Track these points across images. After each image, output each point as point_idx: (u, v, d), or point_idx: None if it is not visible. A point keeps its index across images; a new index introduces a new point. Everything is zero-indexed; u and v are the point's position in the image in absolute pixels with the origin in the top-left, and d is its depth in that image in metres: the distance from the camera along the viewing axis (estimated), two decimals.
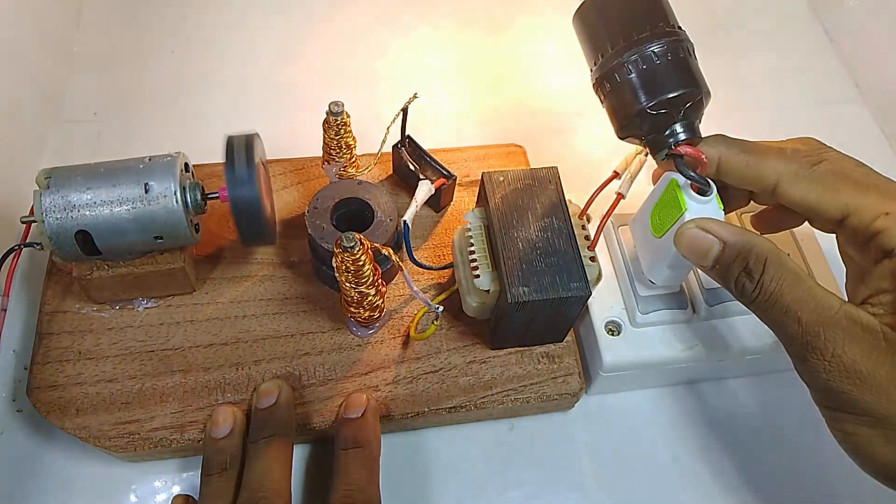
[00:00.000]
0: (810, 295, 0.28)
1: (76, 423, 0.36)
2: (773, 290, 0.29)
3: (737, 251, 0.30)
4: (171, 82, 0.54)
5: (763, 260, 0.29)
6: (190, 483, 0.38)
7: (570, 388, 0.39)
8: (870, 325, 0.27)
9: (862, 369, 0.27)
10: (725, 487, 0.40)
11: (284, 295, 0.41)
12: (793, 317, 0.28)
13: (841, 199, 0.29)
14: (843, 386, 0.27)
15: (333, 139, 0.40)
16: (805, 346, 0.28)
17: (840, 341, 0.27)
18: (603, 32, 0.32)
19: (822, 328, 0.28)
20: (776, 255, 0.29)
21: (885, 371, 0.27)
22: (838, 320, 0.28)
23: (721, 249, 0.31)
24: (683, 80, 0.31)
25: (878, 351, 0.27)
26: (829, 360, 0.27)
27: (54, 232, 0.34)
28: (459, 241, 0.38)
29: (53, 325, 0.39)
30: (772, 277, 0.29)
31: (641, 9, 0.31)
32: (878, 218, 0.28)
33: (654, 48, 0.30)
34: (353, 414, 0.36)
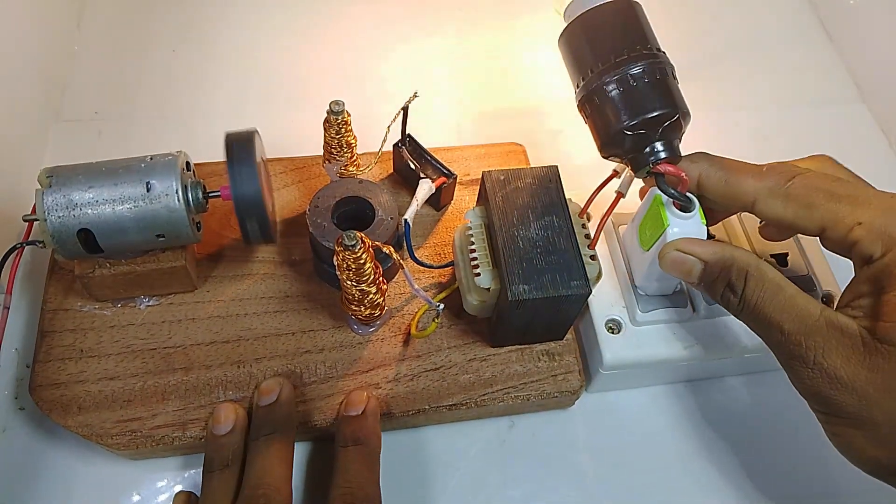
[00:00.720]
0: (791, 304, 0.30)
1: (78, 420, 0.36)
2: (756, 302, 0.30)
3: (718, 268, 0.32)
4: (172, 81, 0.54)
5: (744, 274, 0.31)
6: (192, 480, 0.38)
7: (571, 386, 0.39)
8: (849, 330, 0.28)
9: (842, 375, 0.28)
10: (725, 485, 0.40)
11: (286, 293, 0.41)
12: (776, 327, 0.30)
13: (815, 214, 0.30)
14: (827, 392, 0.28)
15: (334, 138, 0.40)
16: (789, 355, 0.30)
17: (821, 349, 0.28)
18: (585, 55, 0.33)
19: (803, 337, 0.29)
20: (756, 268, 0.31)
21: (863, 375, 0.28)
22: (818, 328, 0.29)
23: (703, 269, 0.32)
24: (660, 102, 0.32)
25: (856, 355, 0.28)
26: (811, 368, 0.29)
27: (56, 230, 0.34)
28: (460, 240, 0.38)
29: (55, 323, 0.39)
30: (753, 290, 0.30)
31: (622, 33, 0.33)
32: (853, 229, 0.29)
33: (632, 71, 0.31)
34: (353, 411, 0.37)
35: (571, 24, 0.34)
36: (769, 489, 0.40)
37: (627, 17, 0.33)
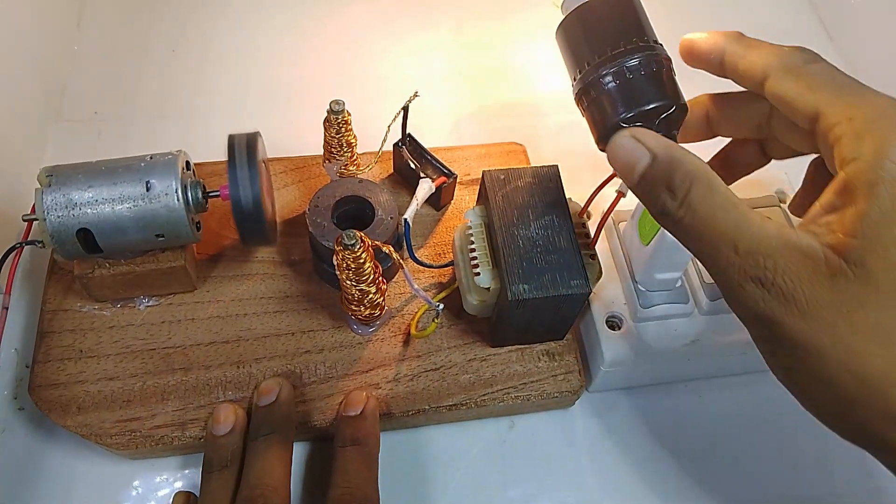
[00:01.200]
0: (746, 220, 0.26)
1: (78, 421, 0.36)
2: (703, 213, 0.27)
3: (666, 166, 0.28)
4: (172, 81, 0.54)
5: (690, 179, 0.27)
6: (191, 480, 0.38)
7: (571, 386, 0.39)
8: (810, 250, 0.25)
9: (800, 298, 0.25)
10: (726, 485, 0.40)
11: (285, 293, 0.41)
12: (728, 244, 0.26)
13: (816, 97, 0.27)
14: (778, 315, 0.25)
15: (334, 137, 0.40)
16: (740, 273, 0.26)
17: (780, 269, 0.25)
18: (582, 48, 0.33)
19: (760, 256, 0.25)
20: (706, 176, 0.27)
21: (823, 298, 0.24)
22: (778, 247, 0.25)
23: (649, 163, 0.28)
24: (657, 94, 0.31)
25: (818, 277, 0.25)
26: (767, 289, 0.25)
27: (56, 230, 0.34)
28: (460, 240, 0.38)
29: (55, 324, 0.39)
30: (701, 200, 0.27)
31: (619, 25, 0.32)
32: (840, 123, 0.26)
33: (629, 63, 0.31)
34: (352, 412, 0.36)
35: (569, 17, 0.34)
36: (769, 489, 0.40)
37: (625, 8, 0.33)
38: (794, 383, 0.27)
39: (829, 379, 0.25)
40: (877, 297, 0.24)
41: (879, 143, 0.25)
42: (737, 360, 0.41)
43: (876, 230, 0.24)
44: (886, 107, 0.26)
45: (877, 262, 0.24)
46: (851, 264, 0.24)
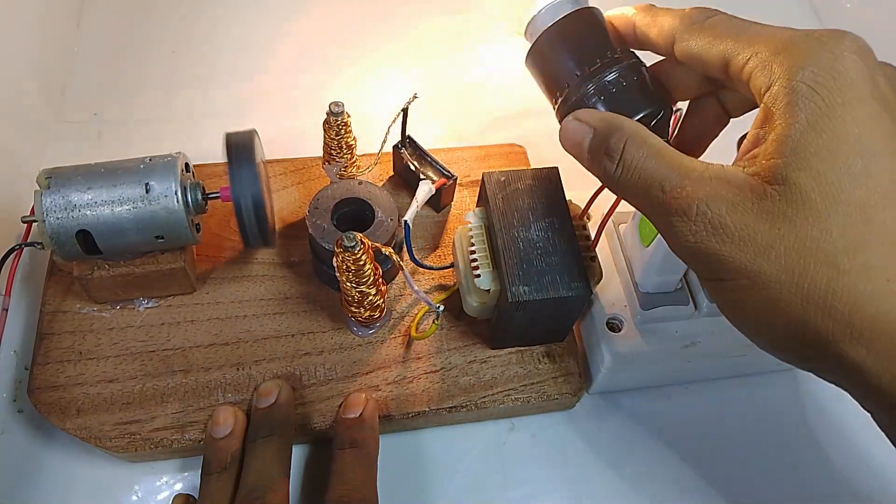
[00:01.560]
0: (675, 163, 0.27)
1: (77, 423, 0.36)
2: (635, 164, 0.27)
3: (603, 134, 0.29)
4: (172, 82, 0.54)
5: (624, 139, 0.28)
6: (190, 482, 0.38)
7: (571, 388, 0.39)
8: (735, 179, 0.25)
9: (728, 223, 0.25)
10: (726, 485, 0.40)
11: (285, 295, 0.41)
12: (656, 185, 0.27)
13: (721, 45, 0.28)
14: (711, 246, 0.25)
15: (334, 139, 0.40)
16: (669, 211, 0.26)
17: (703, 198, 0.25)
18: (558, 71, 0.33)
19: (684, 189, 0.26)
20: (638, 133, 0.28)
21: (751, 223, 0.24)
22: (703, 180, 0.26)
23: (591, 137, 0.29)
24: (644, 103, 0.31)
25: (743, 202, 0.25)
26: (693, 220, 0.25)
27: (55, 231, 0.34)
28: (460, 241, 0.38)
29: (54, 326, 0.39)
30: (633, 154, 0.28)
31: (589, 42, 0.32)
32: (748, 60, 0.26)
33: (608, 77, 0.31)
34: (351, 414, 0.36)
35: (537, 43, 0.34)
36: (770, 489, 0.40)
37: (591, 25, 0.33)
38: (742, 316, 0.26)
39: (776, 303, 0.24)
40: (806, 212, 0.24)
41: (787, 66, 0.25)
42: (737, 362, 0.41)
43: (794, 146, 0.24)
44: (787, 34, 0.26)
45: (800, 177, 0.24)
46: (775, 184, 0.24)
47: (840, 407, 0.42)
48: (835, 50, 0.24)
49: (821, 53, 0.24)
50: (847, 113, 0.24)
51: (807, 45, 0.25)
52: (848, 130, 0.24)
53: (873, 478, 0.41)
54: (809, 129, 0.24)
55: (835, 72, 0.24)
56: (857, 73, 0.24)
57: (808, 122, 0.24)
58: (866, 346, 0.23)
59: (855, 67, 0.24)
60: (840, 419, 0.42)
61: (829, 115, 0.24)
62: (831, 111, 0.24)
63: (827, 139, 0.24)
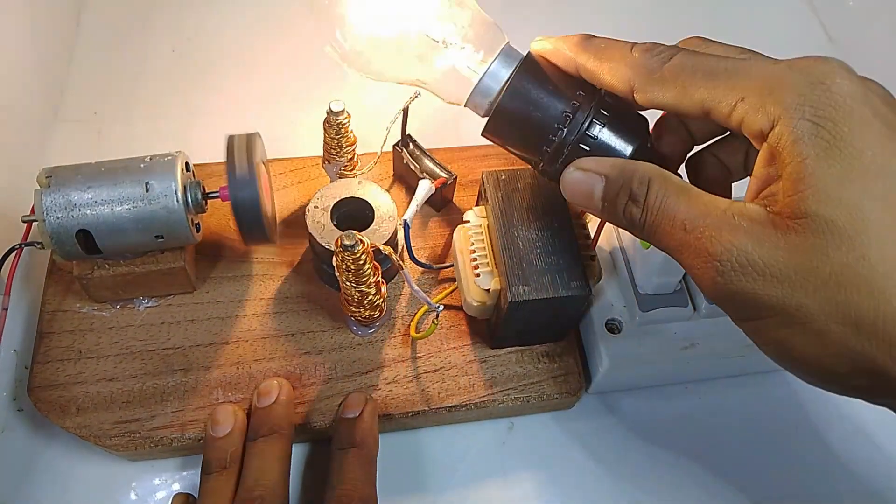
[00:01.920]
0: (696, 201, 0.26)
1: (77, 422, 0.36)
2: (660, 206, 0.27)
3: (620, 182, 0.28)
4: (172, 81, 0.54)
5: (646, 181, 0.27)
6: (190, 481, 0.38)
7: (571, 388, 0.39)
8: (757, 216, 0.25)
9: (756, 260, 0.24)
10: (725, 485, 0.40)
11: (285, 294, 0.41)
12: (679, 226, 0.26)
13: (695, 96, 0.27)
14: (742, 285, 0.24)
15: (334, 139, 0.40)
16: (694, 252, 0.26)
17: (728, 236, 0.25)
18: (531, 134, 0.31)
19: (708, 229, 0.25)
20: (660, 174, 0.27)
21: (781, 258, 0.24)
22: (724, 218, 0.25)
23: (604, 184, 0.29)
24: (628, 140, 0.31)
25: (769, 238, 0.24)
26: (719, 260, 0.25)
27: (55, 231, 0.34)
28: (460, 241, 0.38)
29: (54, 325, 0.39)
30: (656, 194, 0.27)
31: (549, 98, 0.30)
32: (735, 108, 0.26)
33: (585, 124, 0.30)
34: (350, 414, 0.36)
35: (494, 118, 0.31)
36: (769, 489, 0.40)
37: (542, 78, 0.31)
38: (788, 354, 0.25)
39: (823, 336, 0.24)
40: (838, 241, 0.23)
41: (784, 105, 0.25)
42: (736, 362, 0.41)
43: (811, 181, 0.24)
44: (766, 71, 0.26)
45: (823, 208, 0.23)
46: (798, 218, 0.24)
47: (840, 406, 0.43)
48: (825, 80, 0.25)
49: (813, 86, 0.25)
50: (855, 139, 0.24)
51: (795, 79, 0.25)
52: (860, 155, 0.24)
53: (873, 477, 0.41)
54: (822, 162, 0.24)
55: (833, 103, 0.24)
56: (853, 99, 0.24)
57: (819, 155, 0.24)
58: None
59: (849, 93, 0.24)
60: (839, 419, 0.42)
61: (838, 146, 0.24)
62: (839, 141, 0.24)
63: (842, 168, 0.24)
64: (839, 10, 0.62)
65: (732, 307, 0.26)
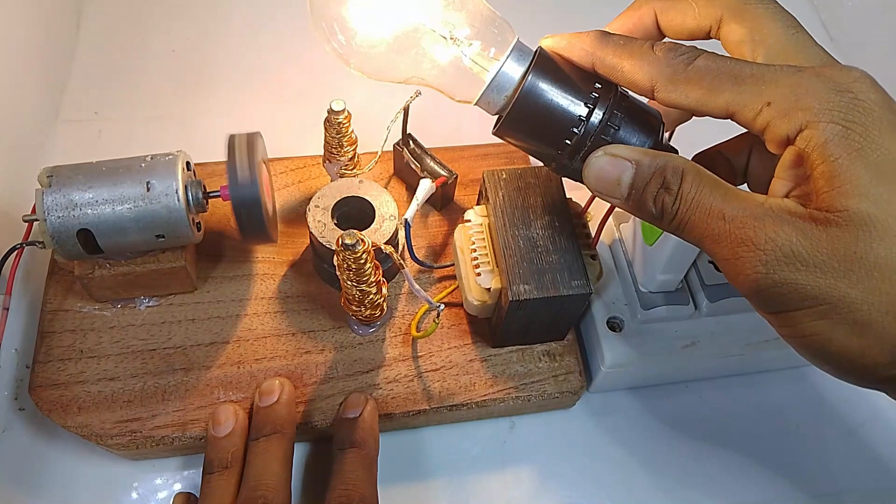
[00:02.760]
0: (733, 194, 0.26)
1: (78, 421, 0.36)
2: (694, 197, 0.27)
3: (652, 169, 0.28)
4: (172, 81, 0.54)
5: (680, 172, 0.27)
6: (191, 481, 0.38)
7: (571, 387, 0.39)
8: (797, 210, 0.25)
9: (801, 250, 0.24)
10: (726, 485, 0.40)
11: (286, 293, 0.41)
12: (717, 215, 0.26)
13: (720, 99, 0.27)
14: (784, 276, 0.25)
15: (334, 138, 0.40)
16: (735, 241, 0.26)
17: (771, 227, 0.25)
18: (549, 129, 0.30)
19: (750, 219, 0.25)
20: (694, 166, 0.28)
21: (825, 247, 0.24)
22: (767, 210, 0.26)
23: (634, 171, 0.28)
24: (644, 135, 0.30)
25: (811, 229, 0.25)
26: (763, 249, 0.25)
27: (56, 230, 0.34)
28: (461, 240, 0.38)
29: (55, 324, 0.39)
30: (690, 185, 0.27)
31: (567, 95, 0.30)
32: (762, 111, 0.26)
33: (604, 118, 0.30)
34: (351, 414, 0.36)
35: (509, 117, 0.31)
36: (769, 489, 0.40)
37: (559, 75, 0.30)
38: (825, 347, 0.25)
39: (867, 326, 0.24)
40: (880, 232, 0.24)
41: (812, 111, 0.25)
42: (737, 361, 0.41)
43: (846, 178, 0.24)
44: (794, 82, 0.26)
45: (860, 203, 0.24)
46: (837, 212, 0.24)
47: (839, 406, 0.43)
48: (852, 88, 0.25)
49: (841, 94, 0.25)
50: (884, 140, 0.25)
51: (821, 87, 0.25)
52: (891, 156, 0.24)
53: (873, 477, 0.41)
54: (855, 162, 0.24)
55: (861, 108, 0.25)
56: (879, 105, 0.25)
57: (851, 156, 0.25)
58: None
59: (875, 101, 0.25)
60: (839, 418, 0.42)
61: (869, 147, 0.25)
62: (869, 143, 0.25)
63: (875, 166, 0.24)
64: (839, 9, 0.61)
65: (769, 298, 0.26)
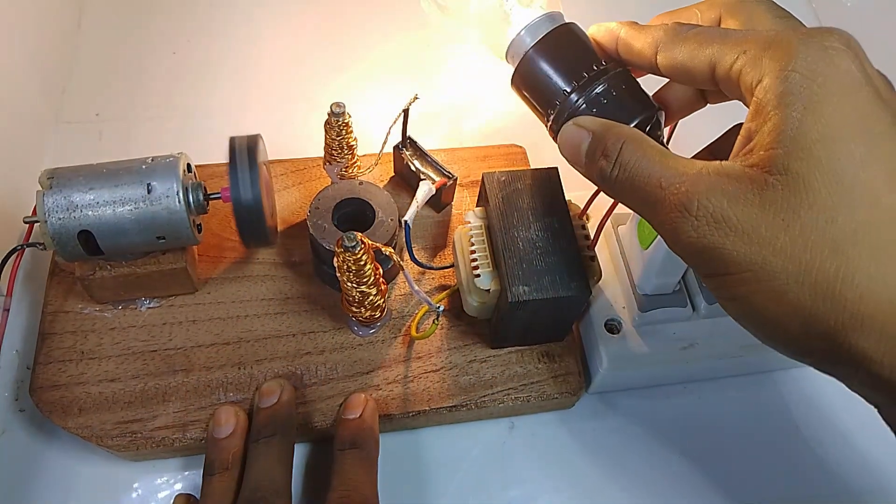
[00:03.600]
0: (673, 162, 0.26)
1: (79, 422, 0.36)
2: (632, 164, 0.27)
3: (600, 136, 0.29)
4: (173, 82, 0.54)
5: (621, 140, 0.28)
6: (192, 482, 0.38)
7: (571, 387, 0.39)
8: (734, 172, 0.25)
9: (730, 215, 0.24)
10: (725, 486, 0.40)
11: (286, 294, 0.41)
12: (654, 183, 0.26)
13: (707, 51, 0.27)
14: (714, 240, 0.24)
15: (335, 140, 0.40)
16: (668, 207, 0.26)
17: (703, 192, 0.25)
18: (546, 89, 0.33)
19: (683, 185, 0.25)
20: (637, 135, 0.28)
21: (755, 214, 0.24)
22: (701, 176, 0.25)
23: (589, 141, 0.29)
24: (635, 110, 0.31)
25: (744, 194, 0.24)
26: (694, 215, 0.25)
27: (57, 232, 0.34)
28: (460, 241, 0.38)
29: (56, 325, 0.39)
30: (630, 155, 0.27)
31: (573, 58, 0.32)
32: (737, 59, 0.26)
33: (597, 89, 0.31)
34: (351, 415, 0.37)
35: (521, 65, 0.34)
36: (769, 490, 0.40)
37: (573, 40, 0.33)
38: (748, 311, 0.25)
39: (783, 296, 0.24)
40: (811, 200, 0.23)
41: (778, 58, 0.24)
42: (735, 362, 0.41)
43: (793, 135, 0.24)
44: (773, 33, 0.26)
45: (801, 165, 0.23)
46: (776, 174, 0.24)
47: (838, 406, 0.43)
48: (825, 42, 0.24)
49: (811, 45, 0.24)
50: (844, 99, 0.24)
51: (796, 38, 0.25)
52: (847, 116, 0.23)
53: (872, 477, 0.41)
54: (807, 117, 0.23)
55: (829, 60, 0.24)
56: (851, 63, 0.24)
57: (805, 109, 0.24)
58: (877, 335, 0.23)
59: (847, 57, 0.24)
60: (838, 418, 0.42)
61: (826, 102, 0.23)
62: (828, 98, 0.24)
63: (826, 126, 0.23)
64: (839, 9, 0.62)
65: (700, 261, 0.26)
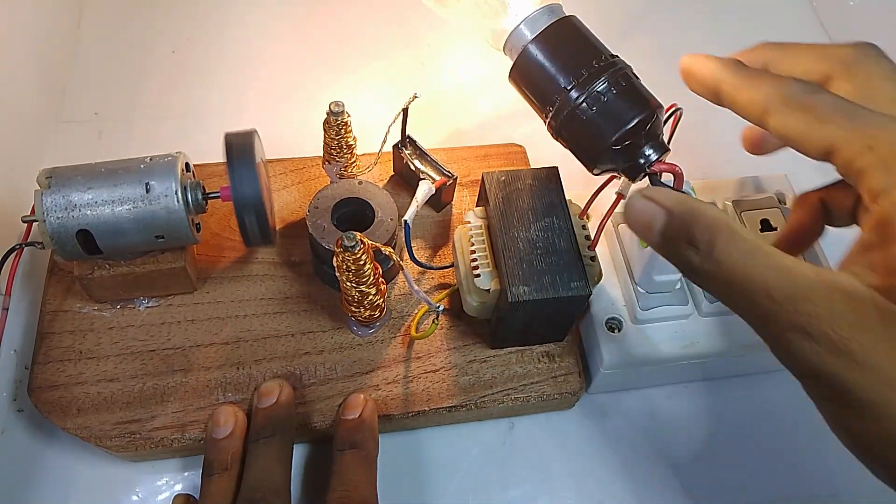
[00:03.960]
0: (777, 264, 0.24)
1: (77, 422, 0.36)
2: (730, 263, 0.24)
3: (683, 221, 0.26)
4: (172, 82, 0.54)
5: (711, 230, 0.25)
6: (191, 482, 0.38)
7: (571, 388, 0.39)
8: (856, 293, 0.23)
9: (854, 349, 0.22)
10: (726, 486, 0.40)
11: (285, 294, 0.41)
12: (761, 292, 0.24)
13: (827, 130, 0.25)
14: (835, 370, 0.22)
15: (334, 139, 0.40)
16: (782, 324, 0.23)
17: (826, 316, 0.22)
18: (545, 85, 0.32)
19: (799, 301, 0.23)
20: (726, 224, 0.25)
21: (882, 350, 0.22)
22: (817, 291, 0.23)
23: (666, 220, 0.26)
24: (636, 108, 0.31)
25: (870, 324, 0.22)
26: (815, 339, 0.22)
27: (55, 231, 0.34)
28: (460, 241, 0.38)
29: (55, 325, 0.39)
30: (724, 247, 0.25)
31: (573, 52, 0.32)
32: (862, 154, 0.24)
33: (598, 87, 0.31)
34: (350, 415, 0.36)
35: (520, 59, 0.33)
36: (769, 490, 0.40)
37: (573, 35, 0.32)
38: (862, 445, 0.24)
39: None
40: None
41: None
42: (736, 361, 0.41)
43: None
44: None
45: None
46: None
47: None
48: None
49: None
50: None
51: None
52: None
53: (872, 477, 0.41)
54: None
55: None
56: None
57: None
58: None
59: None
60: None
61: None
62: None
63: None
64: (839, 9, 0.62)
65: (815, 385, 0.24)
